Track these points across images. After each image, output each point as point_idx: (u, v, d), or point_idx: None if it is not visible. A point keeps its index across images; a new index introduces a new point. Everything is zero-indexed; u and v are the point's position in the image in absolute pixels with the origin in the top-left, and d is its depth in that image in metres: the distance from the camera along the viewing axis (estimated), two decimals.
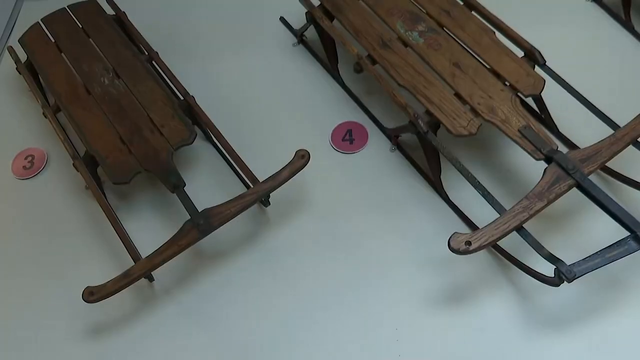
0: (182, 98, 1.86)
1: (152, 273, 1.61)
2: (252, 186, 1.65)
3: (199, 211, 1.60)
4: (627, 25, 2.14)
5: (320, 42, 2.05)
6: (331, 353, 1.56)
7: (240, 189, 1.83)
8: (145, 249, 1.59)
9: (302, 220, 1.79)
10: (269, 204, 1.76)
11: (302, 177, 1.74)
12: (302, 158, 1.65)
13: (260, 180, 1.64)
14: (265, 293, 1.67)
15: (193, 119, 1.85)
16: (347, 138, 1.94)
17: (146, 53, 1.98)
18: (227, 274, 1.71)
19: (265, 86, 2.10)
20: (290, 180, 1.64)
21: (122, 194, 1.90)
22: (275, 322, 1.63)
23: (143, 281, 1.66)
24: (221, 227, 1.59)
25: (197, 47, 2.24)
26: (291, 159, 1.66)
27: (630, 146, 1.55)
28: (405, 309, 1.61)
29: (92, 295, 1.52)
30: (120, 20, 2.08)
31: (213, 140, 1.96)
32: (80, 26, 2.05)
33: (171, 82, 1.90)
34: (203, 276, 1.72)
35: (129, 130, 1.77)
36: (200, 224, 1.57)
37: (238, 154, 1.72)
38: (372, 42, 1.83)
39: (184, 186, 1.67)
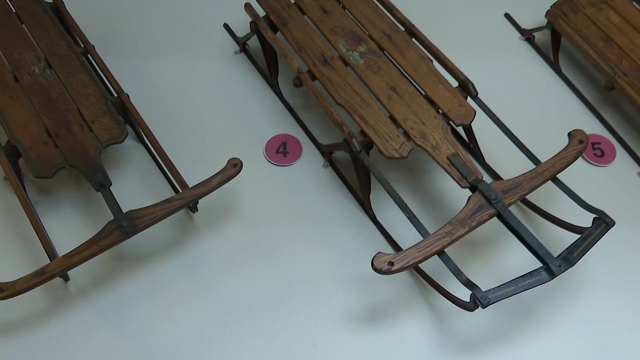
0: (115, 95, 1.81)
1: (67, 272, 1.55)
2: (181, 191, 1.62)
3: (124, 212, 1.56)
4: (555, 66, 2.26)
5: (262, 52, 2.05)
6: None
7: (168, 193, 1.79)
8: (64, 247, 1.54)
9: (229, 229, 1.78)
10: (197, 210, 1.74)
11: (233, 185, 1.73)
12: (234, 167, 1.64)
13: (190, 186, 1.62)
14: (185, 301, 1.65)
15: (126, 117, 1.80)
16: (281, 150, 1.94)
17: (82, 45, 1.92)
18: (146, 279, 1.68)
19: (203, 91, 2.08)
20: (220, 188, 1.63)
21: (44, 189, 1.82)
22: (192, 331, 1.60)
23: (57, 280, 1.60)
24: (145, 230, 1.56)
25: (136, 45, 2.19)
26: (223, 166, 1.65)
27: (549, 181, 1.63)
28: (325, 325, 1.62)
29: (2, 292, 1.45)
30: (58, 9, 2.01)
31: (145, 141, 1.92)
32: (14, 10, 1.97)
33: (106, 77, 1.85)
34: (122, 279, 1.67)
35: (57, 123, 1.71)
36: (124, 225, 1.53)
37: (169, 158, 1.69)
38: (314, 58, 1.84)
39: (110, 185, 1.63)
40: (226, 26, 2.26)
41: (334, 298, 1.67)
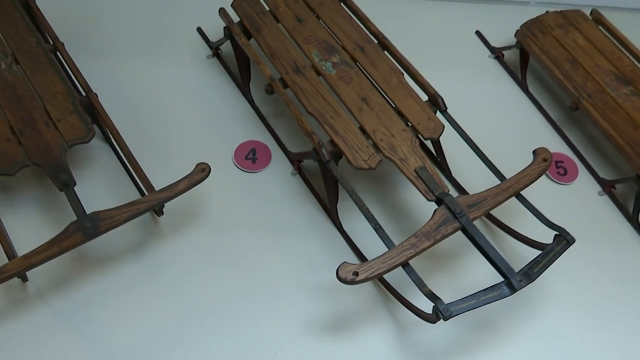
0: (84, 94, 1.79)
1: (26, 273, 1.52)
2: (147, 194, 1.60)
3: (87, 213, 1.53)
4: (523, 85, 2.30)
5: (235, 58, 2.05)
6: None
7: (134, 196, 1.77)
8: (24, 247, 1.50)
9: (194, 233, 1.76)
10: (163, 213, 1.72)
11: (200, 190, 1.72)
12: (202, 171, 1.63)
13: (157, 189, 1.60)
14: (146, 305, 1.62)
15: (93, 117, 1.78)
16: (250, 157, 1.94)
17: (51, 42, 1.89)
18: (108, 282, 1.65)
19: (174, 94, 2.06)
20: (187, 192, 1.62)
21: (5, 187, 1.78)
22: (152, 336, 1.58)
23: (15, 281, 1.57)
24: (109, 233, 1.53)
25: (107, 45, 2.16)
26: (191, 170, 1.64)
27: (513, 197, 1.66)
28: (287, 333, 1.62)
29: None
30: (27, 4, 1.98)
31: (112, 142, 1.89)
32: None
33: (75, 76, 1.82)
34: (83, 281, 1.64)
35: (22, 120, 1.67)
36: (87, 227, 1.50)
37: (136, 160, 1.67)
38: (286, 66, 1.85)
39: (74, 185, 1.60)
40: (199, 30, 2.25)
41: (297, 306, 1.66)
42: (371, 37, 1.96)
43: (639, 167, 1.89)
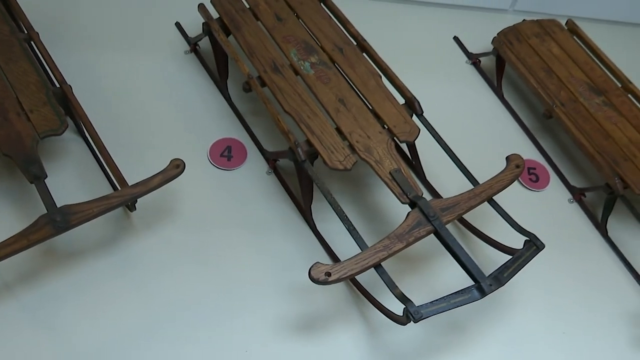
0: (57, 86, 1.76)
1: None
2: (119, 188, 1.58)
3: (58, 207, 1.51)
4: (498, 92, 2.33)
5: (213, 54, 2.03)
6: None
7: (106, 190, 1.75)
8: None
9: (167, 230, 1.75)
10: (135, 209, 1.70)
11: (174, 186, 1.71)
12: (176, 167, 1.62)
13: (130, 184, 1.58)
14: (115, 301, 1.60)
15: (67, 109, 1.75)
16: (226, 154, 1.93)
17: (25, 31, 1.86)
18: (77, 276, 1.63)
19: (150, 89, 2.04)
20: (161, 188, 1.60)
21: None
22: (121, 332, 1.56)
23: None
24: (79, 227, 1.51)
25: (83, 37, 2.13)
26: (166, 166, 1.62)
27: (486, 202, 1.68)
28: (258, 332, 1.62)
29: None
30: None
31: (85, 135, 1.86)
32: None
33: (49, 67, 1.79)
34: (51, 275, 1.62)
35: None
36: (57, 220, 1.48)
37: (110, 154, 1.65)
38: (265, 65, 1.84)
39: (45, 178, 1.58)
40: (178, 25, 2.24)
41: (269, 306, 1.66)
42: (350, 38, 1.97)
43: (609, 176, 1.93)
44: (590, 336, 1.79)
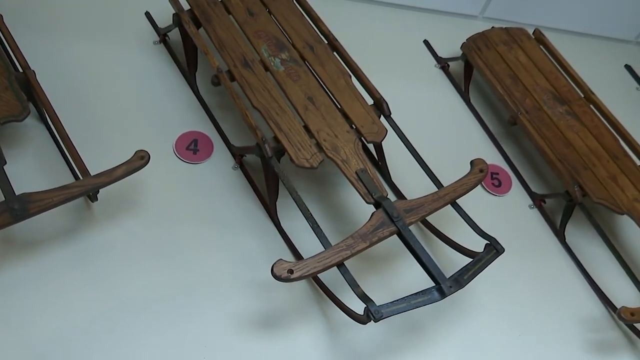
0: (20, 70, 1.72)
1: None
2: (81, 178, 1.56)
3: (16, 194, 1.47)
4: (465, 97, 2.37)
5: (183, 46, 2.01)
6: None
7: (68, 179, 1.72)
8: None
9: (129, 222, 1.72)
10: (97, 199, 1.67)
11: (137, 178, 1.69)
12: (140, 159, 1.60)
13: (92, 174, 1.56)
14: (73, 293, 1.57)
15: (30, 95, 1.71)
16: (192, 148, 1.91)
17: None
18: (34, 267, 1.59)
19: (116, 78, 2.01)
20: (124, 179, 1.58)
21: None
22: (78, 325, 1.53)
23: None
24: (38, 216, 1.48)
25: (49, 21, 2.09)
26: (130, 157, 1.60)
27: (449, 205, 1.70)
28: (218, 328, 1.61)
29: None
30: None
31: (47, 123, 1.82)
32: None
33: (12, 51, 1.75)
34: (6, 265, 1.58)
35: None
36: (15, 208, 1.44)
37: (72, 142, 1.62)
38: (235, 59, 1.83)
39: (4, 164, 1.54)
40: (148, 15, 2.20)
41: (230, 302, 1.65)
42: (322, 37, 1.97)
43: (569, 184, 1.97)
44: (545, 339, 1.83)
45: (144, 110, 1.96)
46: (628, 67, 2.82)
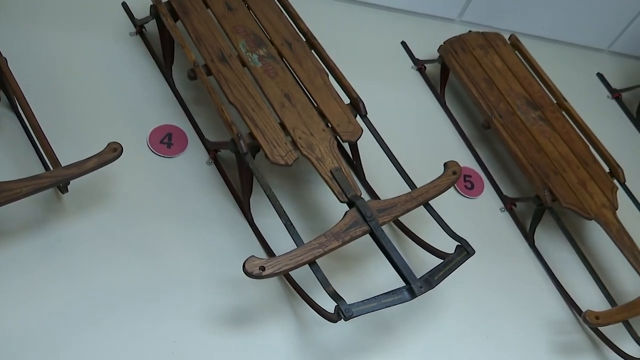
0: None
1: None
2: (52, 169, 1.53)
3: None
4: (441, 99, 2.38)
5: (160, 38, 1.99)
6: (100, 356, 1.49)
7: (38, 170, 1.69)
8: None
9: (99, 215, 1.70)
10: (67, 191, 1.65)
11: (110, 170, 1.66)
12: (113, 151, 1.58)
13: (63, 165, 1.53)
14: (40, 286, 1.55)
15: (0, 83, 1.68)
16: (166, 141, 1.89)
17: None
18: (2, 258, 1.56)
19: (91, 68, 1.98)
20: (96, 171, 1.56)
21: None
22: (44, 319, 1.51)
23: None
24: (6, 206, 1.45)
25: (24, 8, 2.04)
26: (102, 149, 1.58)
27: (422, 206, 1.71)
28: (188, 324, 1.59)
29: None
30: None
31: (18, 111, 1.79)
32: None
33: None
34: None
35: None
36: None
37: (44, 132, 1.60)
38: (212, 54, 1.82)
39: None
40: (124, 5, 2.17)
41: (200, 297, 1.64)
42: (300, 34, 1.97)
43: (539, 188, 2.00)
44: (511, 342, 1.86)
45: (118, 102, 1.94)
46: (600, 76, 2.87)
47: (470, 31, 2.43)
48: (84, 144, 1.65)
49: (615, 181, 2.11)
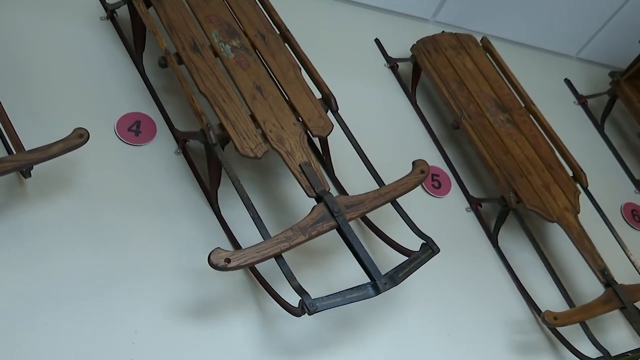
0: None
1: None
2: (15, 153, 1.50)
3: None
4: (412, 98, 2.40)
5: (131, 24, 1.96)
6: (60, 345, 1.46)
7: (0, 153, 1.65)
8: None
9: (63, 202, 1.67)
10: (30, 176, 1.61)
11: (75, 156, 1.64)
12: (79, 137, 1.55)
13: (27, 149, 1.50)
14: (2, 271, 1.51)
15: None
16: (134, 129, 1.87)
17: None
18: None
19: (59, 52, 1.94)
20: (61, 157, 1.53)
21: None
22: (3, 306, 1.47)
23: None
24: None
25: None
26: (68, 134, 1.55)
27: (389, 203, 1.72)
28: (150, 314, 1.58)
29: None
30: None
31: None
32: None
33: None
34: None
35: None
36: None
37: (7, 115, 1.56)
38: (184, 42, 1.80)
39: None
40: None
41: (164, 288, 1.63)
42: (274, 27, 1.96)
43: (504, 190, 2.03)
44: (472, 339, 1.89)
45: (86, 87, 1.90)
46: (567, 82, 2.93)
47: (443, 32, 2.45)
48: (49, 129, 1.61)
49: (578, 185, 2.16)
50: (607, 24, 2.87)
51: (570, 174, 2.18)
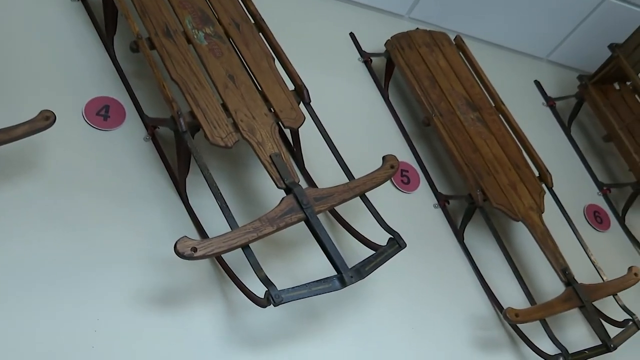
0: None
1: None
2: None
3: None
4: (384, 93, 2.41)
5: (102, 6, 1.92)
6: (19, 329, 1.44)
7: None
8: None
9: (27, 185, 1.63)
10: None
11: (40, 139, 1.60)
12: (45, 119, 1.52)
13: None
14: None
15: None
16: (103, 114, 1.84)
17: None
18: None
19: (27, 32, 1.89)
20: (25, 139, 1.49)
21: None
22: None
23: None
24: None
25: None
26: (34, 116, 1.51)
27: (358, 197, 1.73)
28: (113, 301, 1.56)
29: None
30: None
31: None
32: None
33: None
34: None
35: None
36: None
37: None
38: (157, 27, 1.77)
39: None
40: None
41: (129, 276, 1.61)
42: (249, 16, 1.94)
43: (472, 187, 2.06)
44: (436, 334, 1.91)
45: (54, 69, 1.86)
46: (537, 83, 2.97)
47: (417, 28, 2.46)
48: (14, 110, 1.57)
49: (543, 185, 2.20)
50: (577, 28, 2.92)
51: (537, 174, 2.22)
